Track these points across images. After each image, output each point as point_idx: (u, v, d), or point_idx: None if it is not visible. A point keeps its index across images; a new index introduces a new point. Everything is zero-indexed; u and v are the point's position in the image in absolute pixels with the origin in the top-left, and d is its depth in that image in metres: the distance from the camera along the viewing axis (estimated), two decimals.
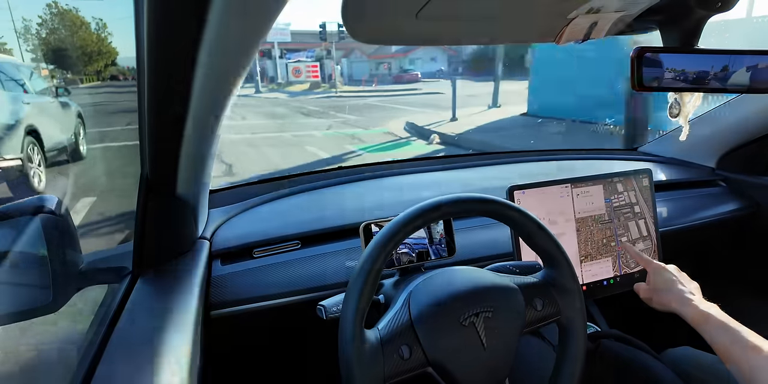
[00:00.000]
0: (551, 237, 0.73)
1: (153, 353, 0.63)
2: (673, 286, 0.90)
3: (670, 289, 0.90)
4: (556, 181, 1.07)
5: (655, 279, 0.95)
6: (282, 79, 25.66)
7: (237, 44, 0.55)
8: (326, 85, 23.96)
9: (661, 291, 0.92)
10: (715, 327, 0.78)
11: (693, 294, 0.88)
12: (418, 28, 0.65)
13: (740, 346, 0.74)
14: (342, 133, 9.62)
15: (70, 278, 0.75)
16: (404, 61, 32.21)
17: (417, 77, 27.33)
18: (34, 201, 0.72)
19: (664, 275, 0.94)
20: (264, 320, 1.01)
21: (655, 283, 0.95)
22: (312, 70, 24.48)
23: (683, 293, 0.88)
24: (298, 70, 24.45)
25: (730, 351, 0.75)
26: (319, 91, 22.01)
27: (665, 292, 0.91)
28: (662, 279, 0.93)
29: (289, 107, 15.57)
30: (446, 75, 30.77)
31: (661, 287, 0.92)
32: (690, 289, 0.89)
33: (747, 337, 0.75)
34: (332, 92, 20.81)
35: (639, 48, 0.69)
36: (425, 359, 0.65)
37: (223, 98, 0.69)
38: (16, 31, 14.45)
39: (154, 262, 0.86)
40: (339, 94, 20.12)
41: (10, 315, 0.71)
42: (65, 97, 5.77)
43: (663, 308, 0.92)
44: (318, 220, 1.17)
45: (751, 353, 0.73)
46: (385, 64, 32.90)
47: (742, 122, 1.45)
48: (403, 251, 0.88)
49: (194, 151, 0.75)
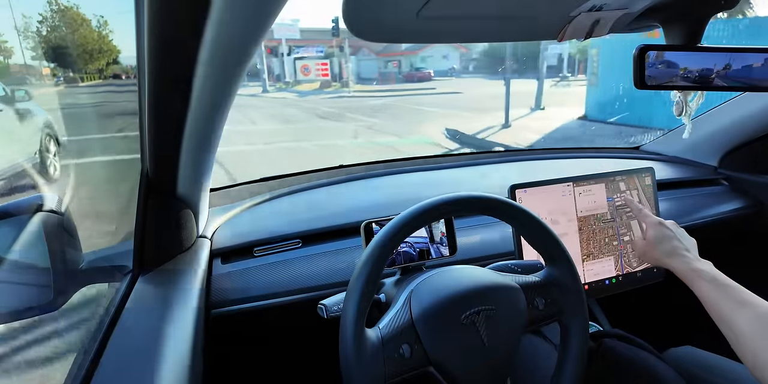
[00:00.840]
0: (553, 236, 0.73)
1: (154, 352, 0.63)
2: (669, 241, 0.89)
3: (666, 244, 0.89)
4: (558, 180, 1.07)
5: (652, 233, 0.93)
6: (290, 78, 24.99)
7: (238, 40, 0.55)
8: (337, 84, 23.32)
9: (655, 245, 0.91)
10: (706, 282, 0.78)
11: (688, 250, 0.87)
12: (418, 27, 0.64)
13: (729, 301, 0.73)
14: (375, 143, 8.28)
15: (70, 277, 0.75)
16: (415, 59, 31.48)
17: (430, 76, 26.71)
18: (35, 199, 0.72)
19: (661, 230, 0.92)
20: (264, 319, 1.01)
21: (650, 237, 0.93)
22: (321, 68, 23.81)
23: (678, 249, 0.87)
24: (307, 68, 23.78)
25: (718, 306, 0.74)
26: (330, 90, 21.41)
27: (660, 246, 0.90)
28: (658, 233, 0.92)
29: (302, 109, 14.50)
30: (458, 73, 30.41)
31: (656, 242, 0.91)
32: (686, 246, 0.88)
33: (736, 292, 0.74)
34: (345, 92, 20.11)
35: (642, 46, 0.69)
36: (426, 358, 0.64)
37: (225, 96, 0.69)
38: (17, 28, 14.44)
39: (155, 261, 0.86)
40: (352, 93, 19.42)
41: (11, 313, 0.71)
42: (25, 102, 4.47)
43: (656, 263, 0.91)
44: (319, 218, 1.17)
45: (739, 307, 0.72)
46: (395, 62, 32.28)
47: (746, 120, 1.45)
48: (404, 250, 0.88)
49: (195, 149, 0.75)
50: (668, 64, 0.70)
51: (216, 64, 0.56)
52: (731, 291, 0.75)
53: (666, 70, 0.70)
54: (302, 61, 24.40)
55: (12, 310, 0.70)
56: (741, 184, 1.55)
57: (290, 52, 25.71)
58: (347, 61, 23.76)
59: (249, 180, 1.40)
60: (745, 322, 0.70)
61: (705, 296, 0.77)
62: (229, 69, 0.61)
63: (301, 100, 17.51)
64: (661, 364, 0.98)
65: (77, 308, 0.86)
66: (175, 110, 0.63)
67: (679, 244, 0.88)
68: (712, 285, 0.77)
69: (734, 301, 0.73)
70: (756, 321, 0.69)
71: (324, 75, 23.59)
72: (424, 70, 28.14)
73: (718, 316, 0.74)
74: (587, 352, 0.73)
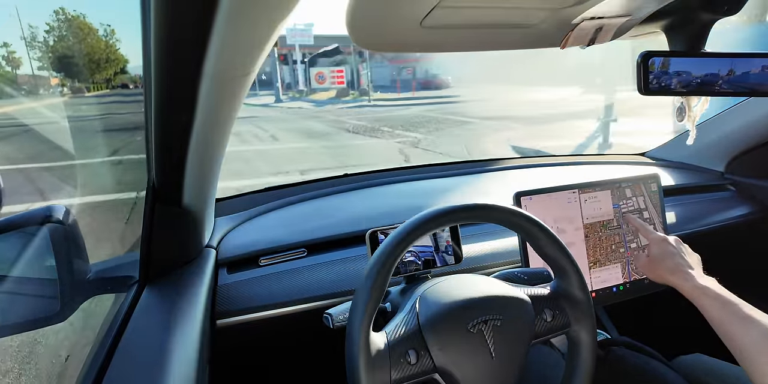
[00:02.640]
0: (562, 247, 0.72)
1: (159, 363, 0.63)
2: (672, 258, 0.89)
3: (669, 261, 0.88)
4: (564, 187, 1.06)
5: (655, 250, 0.92)
6: (303, 86, 23.87)
7: (245, 48, 0.55)
8: (355, 93, 22.46)
9: (659, 263, 0.90)
10: (711, 299, 0.77)
11: (692, 267, 0.86)
12: (422, 36, 0.65)
13: (733, 318, 0.73)
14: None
15: (77, 288, 0.75)
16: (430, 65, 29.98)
17: (448, 82, 25.77)
18: (42, 210, 0.72)
19: (664, 247, 0.91)
20: (270, 329, 1.01)
21: (653, 255, 0.92)
22: (337, 75, 22.87)
23: (681, 266, 0.86)
24: (322, 76, 22.88)
25: (724, 323, 0.74)
26: (349, 99, 20.58)
27: (663, 263, 0.89)
28: (661, 250, 0.91)
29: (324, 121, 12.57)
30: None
31: (660, 259, 0.90)
32: (689, 262, 0.87)
33: (742, 309, 0.74)
34: (364, 100, 19.14)
35: (645, 52, 0.69)
36: (432, 365, 0.64)
37: (231, 106, 0.69)
38: (24, 38, 14.64)
39: (161, 271, 0.86)
40: (373, 103, 18.43)
41: (18, 325, 0.71)
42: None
43: (661, 280, 0.90)
44: (324, 227, 1.17)
45: (744, 324, 0.72)
46: (409, 68, 31.06)
47: (752, 125, 1.44)
48: (409, 259, 0.87)
49: (201, 159, 0.76)
50: (671, 71, 0.70)
51: (222, 73, 0.57)
52: (735, 308, 0.74)
53: (669, 77, 0.70)
54: (316, 69, 23.55)
55: (19, 321, 0.70)
56: (748, 189, 1.54)
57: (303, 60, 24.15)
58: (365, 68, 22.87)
59: (253, 190, 1.41)
60: (751, 340, 0.70)
61: (710, 314, 0.77)
62: (235, 79, 0.61)
63: (319, 111, 16.07)
64: (670, 372, 0.96)
65: (83, 319, 0.86)
66: (181, 120, 0.63)
67: (682, 261, 0.88)
68: (716, 302, 0.76)
69: (739, 318, 0.73)
70: (761, 338, 0.69)
71: (339, 83, 22.77)
72: (441, 76, 27.12)
73: (723, 334, 0.74)
74: (595, 361, 0.72)
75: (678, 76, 0.70)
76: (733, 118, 1.48)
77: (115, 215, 3.70)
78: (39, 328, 0.71)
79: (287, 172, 6.50)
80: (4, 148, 8.14)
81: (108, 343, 0.68)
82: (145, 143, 0.72)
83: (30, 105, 16.95)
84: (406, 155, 7.61)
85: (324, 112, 15.45)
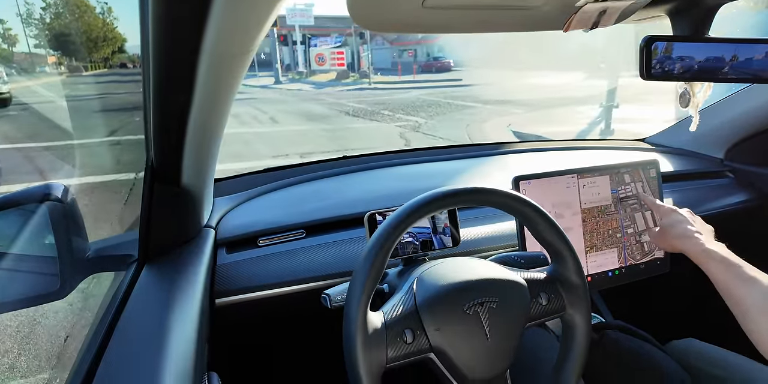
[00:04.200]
0: (559, 232, 0.73)
1: (158, 340, 0.63)
2: (680, 224, 0.91)
3: (678, 228, 0.91)
4: (563, 172, 1.06)
5: (664, 220, 0.95)
6: (303, 68, 23.54)
7: (243, 27, 0.55)
8: (355, 75, 22.23)
9: (668, 231, 0.93)
10: (717, 262, 0.79)
11: (701, 233, 0.88)
12: (424, 17, 0.64)
13: (737, 279, 0.75)
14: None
15: (76, 266, 0.76)
16: (432, 48, 29.85)
17: (449, 65, 25.52)
18: (41, 188, 0.72)
19: (673, 216, 0.94)
20: (268, 309, 1.02)
21: (663, 224, 0.95)
22: (337, 57, 22.53)
23: (689, 231, 0.88)
24: (322, 58, 22.59)
25: (729, 286, 0.76)
26: (348, 81, 20.42)
27: (672, 230, 0.92)
28: (670, 219, 0.94)
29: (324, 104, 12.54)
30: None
31: (669, 226, 0.93)
32: (699, 230, 0.89)
33: (745, 271, 0.76)
34: (364, 83, 18.99)
35: (648, 37, 0.68)
36: (428, 344, 0.65)
37: (229, 86, 0.68)
38: (20, 15, 14.44)
39: (160, 250, 0.87)
40: (373, 85, 18.28)
41: (18, 301, 0.72)
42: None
43: (671, 249, 0.93)
44: (323, 209, 1.17)
45: (747, 285, 0.74)
46: (410, 51, 30.87)
47: (753, 112, 1.43)
48: (407, 241, 0.88)
49: (199, 139, 0.75)
50: (674, 55, 0.69)
51: (221, 52, 0.56)
52: (740, 270, 0.76)
53: (672, 61, 0.69)
54: (317, 50, 23.18)
55: (19, 298, 0.71)
56: (747, 176, 1.54)
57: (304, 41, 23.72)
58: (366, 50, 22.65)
59: (253, 170, 1.41)
60: (753, 299, 0.72)
61: (715, 276, 0.79)
62: (234, 57, 0.61)
63: (319, 93, 15.96)
64: (663, 356, 0.98)
65: (83, 296, 0.87)
66: (180, 100, 0.63)
67: (691, 227, 0.90)
68: (722, 265, 0.78)
69: (742, 279, 0.75)
70: (763, 299, 0.70)
71: (340, 65, 22.49)
72: (443, 59, 26.75)
73: (727, 294, 0.76)
74: (589, 344, 0.73)
75: (681, 61, 0.70)
76: (734, 104, 1.47)
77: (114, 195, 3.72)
78: (39, 305, 0.72)
79: (287, 155, 6.55)
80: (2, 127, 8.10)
81: (107, 321, 0.69)
82: (143, 123, 0.72)
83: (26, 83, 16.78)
84: (407, 139, 7.56)
85: (324, 95, 15.29)
